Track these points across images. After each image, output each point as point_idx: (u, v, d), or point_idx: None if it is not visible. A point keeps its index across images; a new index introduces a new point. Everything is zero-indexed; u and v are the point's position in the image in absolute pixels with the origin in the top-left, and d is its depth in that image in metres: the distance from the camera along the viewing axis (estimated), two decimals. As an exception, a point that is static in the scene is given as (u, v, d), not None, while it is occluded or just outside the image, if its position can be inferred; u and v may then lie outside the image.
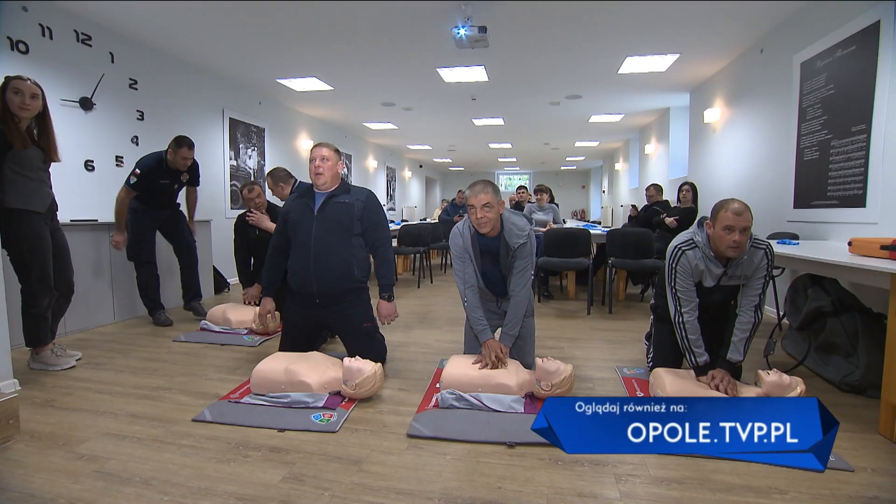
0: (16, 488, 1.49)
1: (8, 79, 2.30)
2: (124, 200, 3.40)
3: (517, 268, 2.27)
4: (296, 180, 3.50)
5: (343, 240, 2.46)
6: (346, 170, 9.12)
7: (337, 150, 2.55)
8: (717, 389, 1.98)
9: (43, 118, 2.43)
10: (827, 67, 3.24)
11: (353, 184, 2.64)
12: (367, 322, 2.53)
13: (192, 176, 3.74)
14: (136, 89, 4.36)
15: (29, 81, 2.33)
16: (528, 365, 2.39)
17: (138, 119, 4.40)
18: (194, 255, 3.86)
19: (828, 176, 3.24)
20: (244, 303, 3.43)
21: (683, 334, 2.11)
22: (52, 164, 2.55)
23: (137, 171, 3.38)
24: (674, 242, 2.16)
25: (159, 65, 4.63)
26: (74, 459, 1.66)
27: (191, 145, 3.47)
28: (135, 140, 4.35)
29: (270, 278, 2.64)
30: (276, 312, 3.31)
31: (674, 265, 2.11)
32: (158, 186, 3.48)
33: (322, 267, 2.42)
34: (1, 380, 2.20)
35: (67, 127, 3.68)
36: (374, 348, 2.51)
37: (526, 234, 2.27)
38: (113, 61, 4.10)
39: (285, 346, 2.57)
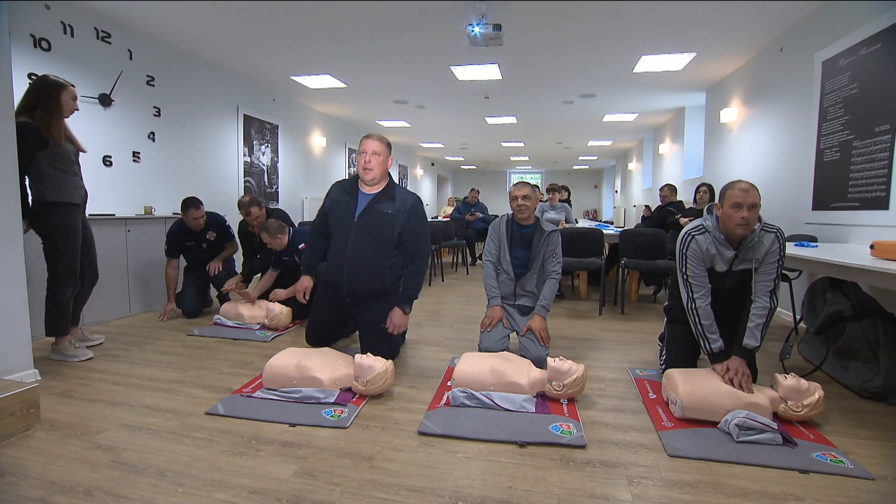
0: (36, 475, 1.52)
1: (63, 84, 2.51)
2: (166, 269, 3.73)
3: (554, 255, 2.72)
4: (290, 228, 3.56)
5: (379, 252, 2.44)
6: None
7: (388, 144, 2.47)
8: (732, 384, 1.95)
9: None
10: (850, 66, 3.17)
11: (397, 184, 2.54)
12: (385, 323, 2.51)
13: (221, 233, 3.89)
14: (153, 86, 4.42)
15: (74, 86, 2.58)
16: (541, 357, 2.42)
17: (155, 115, 4.46)
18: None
19: (849, 177, 3.17)
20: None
21: (697, 320, 2.10)
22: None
23: (166, 238, 3.74)
24: (684, 230, 2.18)
25: (176, 62, 4.68)
26: (92, 449, 1.69)
27: (197, 205, 3.63)
28: (151, 136, 4.41)
29: (310, 260, 2.69)
30: (288, 308, 3.37)
31: (684, 251, 2.12)
32: (187, 248, 3.78)
33: (355, 274, 2.46)
34: (22, 370, 2.26)
35: (86, 123, 3.74)
36: (387, 347, 2.50)
37: (556, 226, 2.84)
38: (131, 58, 4.16)
39: (312, 329, 2.66)
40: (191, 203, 3.60)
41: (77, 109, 2.61)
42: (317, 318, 2.69)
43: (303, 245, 3.40)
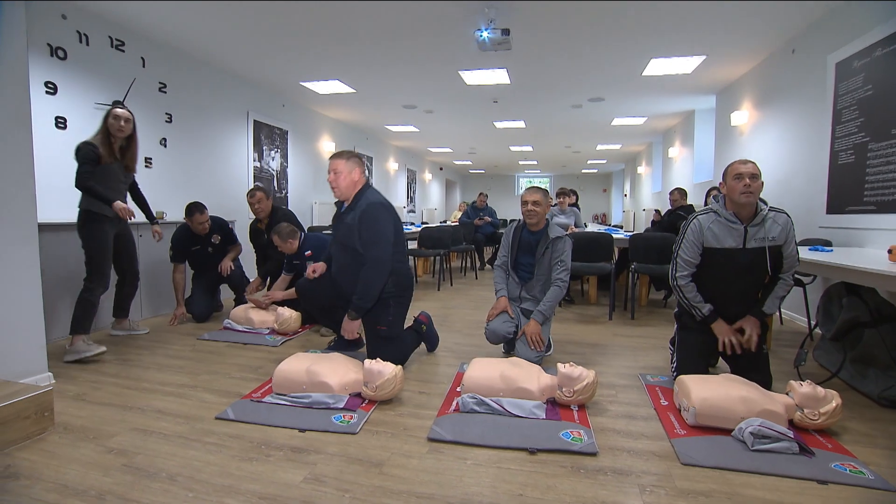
0: (50, 479, 1.54)
1: (109, 108, 2.89)
2: (174, 275, 3.74)
3: (561, 262, 2.70)
4: (302, 233, 3.57)
5: (353, 260, 2.51)
6: (368, 171, 9.24)
7: (351, 158, 2.54)
8: (747, 342, 2.18)
9: (131, 138, 2.96)
10: (865, 67, 3.13)
11: (369, 189, 2.57)
12: (381, 326, 2.55)
13: (226, 237, 3.94)
14: (165, 92, 4.48)
15: (125, 109, 2.91)
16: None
17: (166, 121, 4.52)
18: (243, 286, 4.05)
19: (864, 180, 3.12)
20: (248, 298, 3.62)
21: (682, 294, 2.30)
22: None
23: (170, 244, 3.73)
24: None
25: (187, 68, 4.75)
26: (104, 453, 1.70)
27: (201, 210, 3.69)
28: (163, 142, 4.47)
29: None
30: (298, 313, 3.39)
31: (685, 231, 2.28)
32: (193, 254, 3.80)
33: (341, 279, 2.61)
34: (37, 373, 2.29)
35: (101, 129, 3.80)
36: (387, 352, 2.42)
37: (564, 234, 2.77)
38: (144, 66, 4.22)
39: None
40: (195, 208, 3.64)
41: (122, 126, 2.86)
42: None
43: (309, 252, 3.42)
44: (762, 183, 2.12)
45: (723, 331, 2.25)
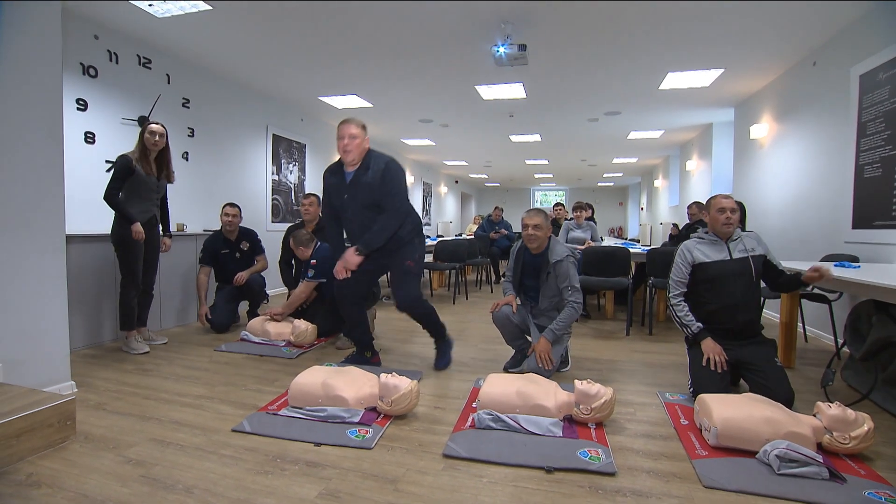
0: (71, 488, 1.56)
1: (148, 124, 3.09)
2: (198, 275, 3.89)
3: (570, 287, 2.65)
4: (317, 242, 3.62)
5: (376, 213, 2.61)
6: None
7: (364, 126, 2.68)
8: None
9: (164, 150, 3.20)
10: (890, 79, 3.07)
11: (375, 151, 2.70)
12: (409, 261, 2.71)
13: (253, 245, 4.07)
14: (188, 108, 4.61)
15: (159, 125, 3.13)
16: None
17: (189, 136, 4.64)
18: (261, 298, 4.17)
19: (892, 194, 3.04)
20: (268, 316, 3.58)
21: (674, 312, 2.50)
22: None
23: (202, 247, 3.95)
24: None
25: (210, 84, 4.89)
26: (123, 463, 1.72)
27: (233, 204, 3.94)
28: (185, 156, 4.59)
29: (335, 244, 2.83)
30: (314, 326, 3.41)
31: (677, 255, 2.54)
32: (221, 257, 3.92)
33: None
34: (60, 381, 2.33)
35: (126, 144, 3.90)
36: (412, 286, 2.73)
37: (565, 255, 2.70)
38: (169, 82, 4.36)
39: (342, 285, 2.74)
40: (228, 203, 3.90)
41: (156, 142, 3.08)
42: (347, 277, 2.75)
43: (314, 261, 3.46)
44: (739, 215, 2.48)
45: (709, 348, 2.34)
